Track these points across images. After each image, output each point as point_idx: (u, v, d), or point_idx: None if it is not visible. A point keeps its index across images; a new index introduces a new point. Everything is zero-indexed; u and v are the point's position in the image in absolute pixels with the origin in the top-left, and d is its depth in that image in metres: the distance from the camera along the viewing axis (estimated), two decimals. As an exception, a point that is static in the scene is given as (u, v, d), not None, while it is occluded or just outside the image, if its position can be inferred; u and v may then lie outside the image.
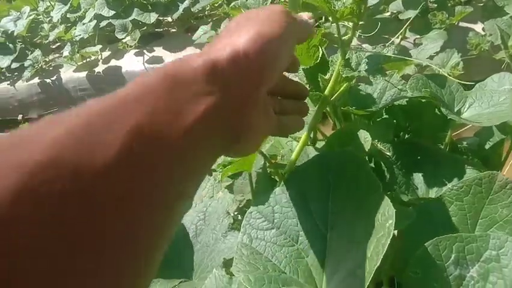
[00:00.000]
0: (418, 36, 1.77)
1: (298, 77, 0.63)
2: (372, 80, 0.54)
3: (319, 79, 0.57)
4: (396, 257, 0.48)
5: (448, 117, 0.53)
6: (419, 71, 1.55)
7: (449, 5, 1.86)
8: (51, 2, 2.85)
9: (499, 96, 0.63)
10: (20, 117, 2.55)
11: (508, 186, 0.49)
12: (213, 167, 0.62)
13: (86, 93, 2.39)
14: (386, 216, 0.37)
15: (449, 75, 1.48)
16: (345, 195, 0.44)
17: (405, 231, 0.49)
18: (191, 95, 0.25)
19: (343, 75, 0.51)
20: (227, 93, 0.27)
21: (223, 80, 0.27)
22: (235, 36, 0.29)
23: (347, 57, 0.54)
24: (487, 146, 0.73)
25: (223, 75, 0.27)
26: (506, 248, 0.39)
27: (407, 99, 0.60)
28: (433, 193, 0.57)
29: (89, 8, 2.49)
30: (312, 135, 0.59)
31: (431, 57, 1.52)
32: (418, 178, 0.59)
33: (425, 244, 0.40)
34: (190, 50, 2.26)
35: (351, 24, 0.52)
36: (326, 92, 0.53)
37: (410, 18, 1.74)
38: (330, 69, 0.55)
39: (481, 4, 1.89)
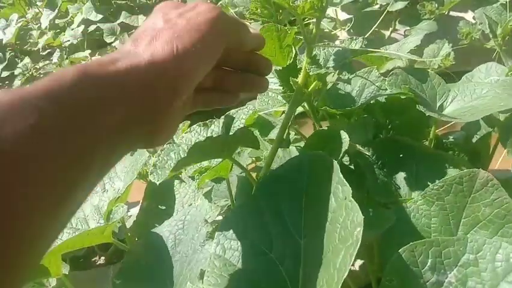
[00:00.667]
0: (408, 28, 1.75)
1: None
2: (341, 77, 0.52)
3: (291, 81, 0.55)
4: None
5: (417, 114, 0.51)
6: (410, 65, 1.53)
7: (438, -5, 1.83)
8: (40, 9, 2.83)
9: (482, 88, 0.61)
10: (12, 126, 2.53)
11: (489, 184, 0.47)
12: (190, 174, 0.60)
13: (77, 99, 2.37)
14: (355, 223, 0.35)
15: (440, 66, 1.46)
16: (318, 200, 0.42)
17: (383, 234, 0.47)
18: (102, 100, 0.27)
19: (310, 73, 0.49)
20: (139, 103, 0.29)
21: (136, 90, 0.29)
22: (153, 46, 0.31)
23: (315, 53, 0.52)
24: (474, 139, 0.72)
25: (136, 86, 0.29)
26: (484, 251, 0.37)
27: (387, 96, 0.59)
28: (416, 193, 0.55)
29: (77, 13, 2.47)
30: (285, 136, 0.58)
31: (420, 50, 1.50)
32: (401, 177, 0.57)
33: (400, 250, 0.38)
34: (180, 51, 2.24)
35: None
36: (296, 90, 0.52)
37: (398, 10, 1.72)
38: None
39: (472, -8, 1.87)
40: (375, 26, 1.79)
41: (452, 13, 1.81)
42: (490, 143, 0.69)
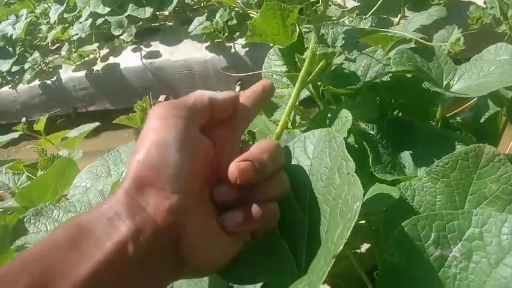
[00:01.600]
0: (417, 14, 1.72)
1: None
2: (349, 56, 0.51)
3: (296, 59, 0.54)
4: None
5: (431, 91, 0.50)
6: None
7: (448, -21, 1.80)
8: (48, 4, 2.86)
9: (490, 66, 0.59)
10: (23, 119, 2.57)
11: (495, 159, 0.45)
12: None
13: (86, 92, 2.40)
14: (355, 198, 0.34)
15: (450, 52, 1.43)
16: (323, 176, 0.42)
17: (387, 213, 0.46)
18: (94, 241, 0.28)
19: (317, 52, 0.48)
20: (136, 221, 0.30)
21: (128, 213, 0.30)
22: (129, 166, 0.32)
23: (322, 33, 0.51)
24: (482, 120, 0.70)
25: (127, 208, 0.30)
26: (490, 225, 0.36)
27: (391, 75, 0.57)
28: (422, 172, 0.54)
29: (84, 7, 2.48)
30: (292, 118, 0.57)
31: (429, 35, 1.48)
32: (406, 157, 0.56)
33: (402, 224, 0.37)
34: (186, 42, 2.25)
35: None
36: (302, 71, 0.51)
37: (407, -5, 1.69)
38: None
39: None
40: (384, 13, 1.77)
41: (462, -1, 1.79)
42: (500, 123, 0.68)
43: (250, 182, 0.34)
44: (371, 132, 0.55)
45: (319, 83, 0.61)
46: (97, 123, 1.28)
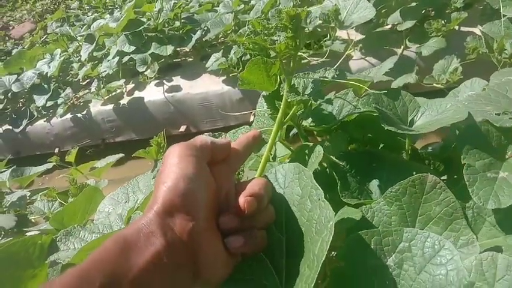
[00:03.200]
0: (418, 45, 1.82)
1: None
2: (317, 102, 0.62)
3: (276, 104, 0.65)
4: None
5: (385, 129, 0.60)
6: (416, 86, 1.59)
7: (447, 11, 1.89)
8: (80, 43, 3.10)
9: (447, 103, 0.69)
10: (56, 150, 2.77)
11: (437, 186, 0.55)
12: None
13: (113, 124, 2.57)
14: (328, 218, 0.43)
15: (449, 81, 1.51)
16: (295, 202, 0.51)
17: (349, 230, 0.55)
18: (138, 250, 0.36)
19: (288, 100, 0.60)
20: (167, 238, 0.38)
21: (161, 231, 0.38)
22: (155, 194, 0.40)
23: (294, 83, 0.63)
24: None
25: (160, 228, 0.38)
26: (416, 240, 0.46)
27: (359, 114, 0.67)
28: (385, 197, 0.63)
29: (112, 46, 2.69)
30: (273, 152, 0.68)
31: (431, 64, 1.56)
32: (373, 184, 0.66)
33: (349, 238, 0.47)
34: (204, 77, 2.41)
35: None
36: (279, 113, 0.62)
37: (408, 28, 1.79)
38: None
39: (481, 8, 1.91)
40: (387, 45, 1.87)
41: (462, 28, 1.87)
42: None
43: (254, 213, 0.44)
44: (341, 163, 0.65)
45: (301, 122, 0.72)
46: (121, 155, 1.41)
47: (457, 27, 1.86)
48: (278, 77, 0.69)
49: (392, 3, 1.88)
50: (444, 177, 0.75)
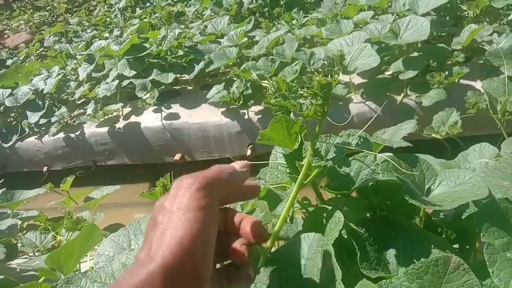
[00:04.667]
0: (418, 95, 1.86)
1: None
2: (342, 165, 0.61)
3: (296, 164, 0.65)
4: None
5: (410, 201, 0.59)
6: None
7: (448, 63, 1.94)
8: (79, 62, 3.09)
9: (465, 175, 0.69)
10: (45, 169, 2.71)
11: (461, 268, 0.54)
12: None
13: (106, 147, 2.54)
14: None
15: (448, 134, 1.53)
16: (315, 277, 0.51)
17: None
18: None
19: (312, 164, 0.59)
20: None
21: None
22: (161, 249, 0.36)
23: (316, 147, 0.62)
24: (464, 217, 0.78)
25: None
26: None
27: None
28: (402, 269, 0.62)
29: (112, 68, 2.68)
30: (291, 213, 0.67)
31: (430, 115, 1.59)
32: (390, 254, 0.65)
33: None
34: (204, 107, 2.41)
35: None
36: (300, 176, 0.61)
37: (410, 77, 1.83)
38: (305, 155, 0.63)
39: (481, 62, 1.97)
40: (387, 92, 1.90)
41: (462, 81, 1.92)
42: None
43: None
44: (360, 231, 0.64)
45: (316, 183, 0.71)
46: (118, 186, 1.38)
47: (456, 80, 1.91)
48: (299, 136, 0.68)
49: (395, 52, 1.93)
50: (456, 245, 0.75)
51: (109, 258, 0.85)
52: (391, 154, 0.87)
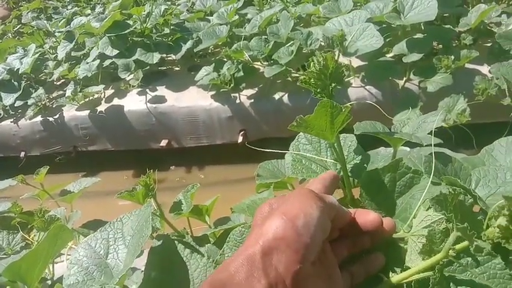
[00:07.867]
0: (422, 79, 1.74)
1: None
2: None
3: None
4: None
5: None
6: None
7: (453, 45, 1.83)
8: (58, 40, 2.89)
9: (505, 173, 0.59)
10: (22, 154, 2.54)
11: None
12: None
13: (87, 132, 2.38)
14: None
15: (456, 122, 1.42)
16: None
17: None
18: None
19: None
20: (270, 280, 0.36)
21: (263, 271, 0.36)
22: (267, 225, 0.38)
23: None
24: None
25: (263, 266, 0.36)
26: None
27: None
28: None
29: (93, 47, 2.51)
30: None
31: (435, 101, 1.48)
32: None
33: None
34: (192, 90, 2.26)
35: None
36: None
37: (414, 60, 1.71)
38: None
39: (488, 44, 1.86)
40: (389, 76, 1.78)
41: (467, 66, 1.81)
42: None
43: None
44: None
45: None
46: (97, 179, 1.25)
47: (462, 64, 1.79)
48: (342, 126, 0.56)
49: (398, 33, 1.80)
50: None
51: (83, 269, 0.73)
52: (407, 148, 0.76)
